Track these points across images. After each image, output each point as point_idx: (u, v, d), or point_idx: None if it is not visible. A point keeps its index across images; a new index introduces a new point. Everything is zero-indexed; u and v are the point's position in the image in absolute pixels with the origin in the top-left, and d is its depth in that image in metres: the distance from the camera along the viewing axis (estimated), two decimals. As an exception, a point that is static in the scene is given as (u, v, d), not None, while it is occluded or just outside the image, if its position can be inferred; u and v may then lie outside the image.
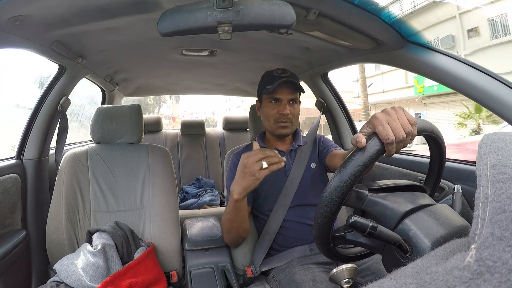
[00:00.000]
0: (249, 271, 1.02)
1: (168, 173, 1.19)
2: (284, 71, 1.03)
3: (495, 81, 0.72)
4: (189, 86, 2.19)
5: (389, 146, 0.51)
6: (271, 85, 0.99)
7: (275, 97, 1.01)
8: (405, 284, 0.22)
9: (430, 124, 0.59)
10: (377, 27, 0.80)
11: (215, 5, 0.62)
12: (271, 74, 1.03)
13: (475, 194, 0.23)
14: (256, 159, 0.77)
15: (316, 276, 0.87)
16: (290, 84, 1.00)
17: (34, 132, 1.17)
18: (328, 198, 0.53)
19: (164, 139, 2.52)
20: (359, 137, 0.51)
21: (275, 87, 0.99)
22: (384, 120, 0.52)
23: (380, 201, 0.57)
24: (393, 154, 0.53)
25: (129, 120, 1.21)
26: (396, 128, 0.51)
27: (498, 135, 0.29)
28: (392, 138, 0.50)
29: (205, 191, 2.21)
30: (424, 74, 0.88)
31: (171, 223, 1.13)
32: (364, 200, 0.58)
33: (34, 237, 1.13)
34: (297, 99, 1.05)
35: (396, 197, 0.58)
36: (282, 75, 1.01)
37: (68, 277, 0.86)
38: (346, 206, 0.62)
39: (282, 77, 1.00)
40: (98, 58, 1.26)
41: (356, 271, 0.62)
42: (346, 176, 0.51)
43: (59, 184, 1.08)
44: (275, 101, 1.02)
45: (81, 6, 0.76)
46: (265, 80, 1.05)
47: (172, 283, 1.05)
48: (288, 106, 1.01)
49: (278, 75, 1.02)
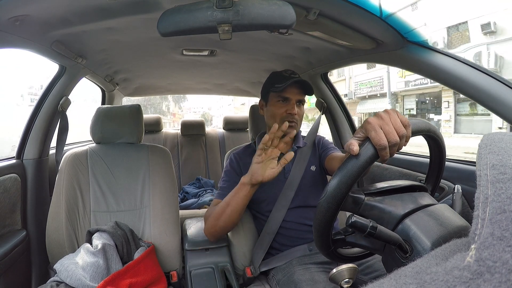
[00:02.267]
0: (248, 271, 1.02)
1: (168, 173, 1.19)
2: (293, 73, 1.04)
3: (495, 81, 0.72)
4: (189, 86, 2.19)
5: (382, 151, 0.50)
6: (281, 84, 0.99)
7: (284, 96, 1.01)
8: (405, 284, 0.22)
9: (428, 124, 0.58)
10: (377, 27, 0.80)
11: (215, 5, 0.62)
12: (280, 74, 1.04)
13: (475, 194, 0.23)
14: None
15: (314, 276, 0.87)
16: (300, 85, 1.01)
17: (34, 132, 1.17)
18: (324, 205, 0.54)
19: (164, 139, 2.52)
20: (352, 144, 0.51)
21: (285, 87, 0.99)
22: (376, 125, 0.51)
23: (377, 205, 0.57)
24: (388, 159, 0.52)
25: (129, 120, 1.21)
26: (389, 133, 0.51)
27: (498, 135, 0.29)
28: (384, 143, 0.50)
29: (205, 191, 2.21)
30: (424, 74, 0.88)
31: (171, 223, 1.13)
32: (361, 205, 0.58)
33: (34, 237, 1.13)
34: (303, 101, 1.05)
35: (394, 200, 0.58)
36: (292, 76, 1.02)
37: (68, 276, 0.85)
38: (344, 211, 0.63)
39: (293, 78, 1.00)
40: (98, 58, 1.26)
41: (356, 271, 0.62)
42: (341, 183, 0.51)
43: (59, 184, 1.08)
44: (284, 100, 1.02)
45: (81, 6, 0.76)
46: (274, 79, 1.05)
47: (172, 283, 1.05)
48: (295, 107, 1.01)
49: (288, 75, 1.02)
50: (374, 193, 0.60)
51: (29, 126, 1.17)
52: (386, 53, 0.93)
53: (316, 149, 1.13)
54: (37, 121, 1.17)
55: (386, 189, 0.60)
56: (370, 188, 0.61)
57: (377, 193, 0.60)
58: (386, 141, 0.50)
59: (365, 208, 0.58)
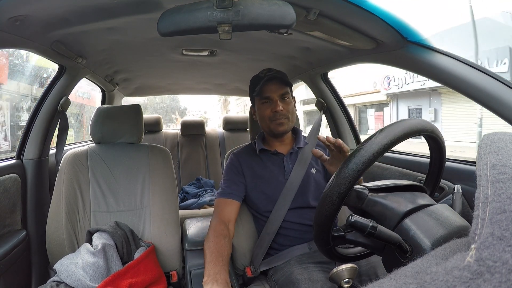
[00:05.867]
0: (248, 271, 1.02)
1: (168, 173, 1.19)
2: (269, 70, 1.04)
3: (495, 81, 0.72)
4: (189, 86, 2.19)
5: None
6: (257, 86, 1.00)
7: (264, 96, 1.02)
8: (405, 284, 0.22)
9: (430, 124, 0.59)
10: (377, 27, 0.80)
11: (215, 5, 0.62)
12: (257, 76, 1.05)
13: (475, 194, 0.23)
14: None
15: (312, 276, 0.87)
16: (276, 81, 1.01)
17: (34, 132, 1.17)
18: (328, 197, 0.53)
19: (164, 139, 2.52)
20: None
21: (261, 87, 1.00)
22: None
23: (380, 201, 0.57)
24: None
25: (129, 120, 1.21)
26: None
27: (498, 135, 0.29)
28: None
29: (205, 191, 2.21)
30: (424, 74, 0.88)
31: (171, 223, 1.13)
32: (365, 200, 0.58)
33: (34, 237, 1.13)
34: (288, 94, 1.04)
35: (397, 197, 0.58)
36: (267, 74, 1.02)
37: (68, 276, 0.86)
38: (346, 206, 0.62)
39: (267, 76, 1.01)
40: (98, 58, 1.26)
41: (356, 271, 0.62)
42: (347, 175, 0.51)
43: (59, 184, 1.08)
44: (266, 100, 1.02)
45: (81, 6, 0.76)
46: (253, 83, 1.06)
47: (172, 283, 1.05)
48: (280, 103, 1.00)
49: (263, 75, 1.03)
50: (378, 189, 0.60)
51: (29, 126, 1.17)
52: (386, 53, 0.93)
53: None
54: (37, 121, 1.17)
55: (389, 186, 0.60)
56: (373, 184, 0.61)
57: (380, 190, 0.60)
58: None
59: (368, 203, 0.58)
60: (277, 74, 1.02)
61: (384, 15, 0.75)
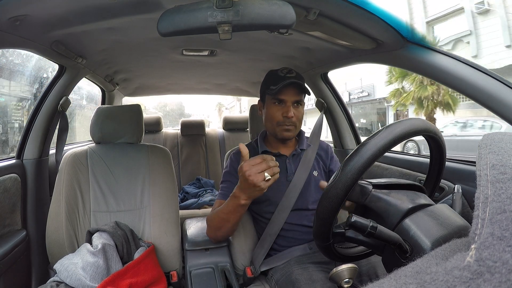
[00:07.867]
0: (248, 271, 1.02)
1: (168, 173, 1.19)
2: (290, 71, 1.00)
3: (495, 81, 0.72)
4: (189, 86, 2.19)
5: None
6: (275, 86, 0.96)
7: (279, 98, 0.98)
8: (405, 284, 0.22)
9: (430, 124, 0.59)
10: (377, 27, 0.80)
11: (215, 5, 0.62)
12: (275, 74, 1.00)
13: (475, 194, 0.23)
14: (258, 170, 0.75)
15: (312, 276, 0.87)
16: (296, 86, 0.97)
17: (34, 132, 1.17)
18: (332, 190, 0.53)
19: (164, 139, 2.52)
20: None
21: (280, 89, 0.96)
22: None
23: (384, 197, 0.58)
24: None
25: (129, 120, 1.21)
26: None
27: (498, 135, 0.29)
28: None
29: (205, 191, 2.21)
30: (424, 74, 0.88)
31: (171, 223, 1.13)
32: (368, 195, 0.58)
33: (34, 237, 1.13)
34: (301, 101, 1.01)
35: (400, 194, 0.58)
36: (288, 76, 0.98)
37: (68, 277, 0.85)
38: (349, 200, 0.62)
39: (288, 78, 0.97)
40: (98, 58, 1.26)
41: (356, 271, 0.62)
42: (353, 168, 0.51)
43: (59, 184, 1.08)
44: (279, 102, 0.99)
45: (81, 6, 0.76)
46: (269, 80, 1.01)
47: (172, 283, 1.05)
48: (292, 109, 0.97)
49: (283, 75, 0.98)
50: (381, 185, 0.60)
51: (29, 126, 1.17)
52: (386, 53, 0.93)
53: (323, 157, 1.11)
54: (37, 121, 1.17)
55: (393, 183, 0.60)
56: (378, 180, 0.61)
57: (384, 186, 0.60)
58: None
59: (371, 199, 0.58)
60: (298, 79, 0.97)
61: (384, 15, 0.75)
